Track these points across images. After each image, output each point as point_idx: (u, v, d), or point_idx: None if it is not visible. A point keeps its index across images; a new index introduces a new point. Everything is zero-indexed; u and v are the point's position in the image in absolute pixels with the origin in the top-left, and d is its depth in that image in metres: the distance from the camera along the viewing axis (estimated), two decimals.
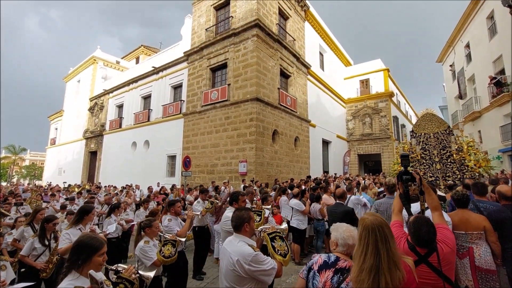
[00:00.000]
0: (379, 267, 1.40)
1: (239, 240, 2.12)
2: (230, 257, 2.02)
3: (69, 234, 3.36)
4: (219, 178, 12.00)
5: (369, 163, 24.93)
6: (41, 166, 45.30)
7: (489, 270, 2.70)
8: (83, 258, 1.69)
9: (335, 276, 1.67)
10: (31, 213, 4.32)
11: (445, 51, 22.36)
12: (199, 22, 14.79)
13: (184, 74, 15.44)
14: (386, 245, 1.45)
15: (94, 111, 23.22)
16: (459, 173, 7.45)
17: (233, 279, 2.00)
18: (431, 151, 8.01)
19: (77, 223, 3.50)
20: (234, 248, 2.06)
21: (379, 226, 1.50)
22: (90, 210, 3.67)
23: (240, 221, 2.18)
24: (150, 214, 4.71)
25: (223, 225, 3.30)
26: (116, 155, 19.49)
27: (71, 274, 1.67)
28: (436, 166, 7.84)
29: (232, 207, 3.44)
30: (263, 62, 12.28)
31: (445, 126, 8.10)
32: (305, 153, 15.33)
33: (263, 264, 1.98)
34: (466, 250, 2.80)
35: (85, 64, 26.66)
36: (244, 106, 11.86)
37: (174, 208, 4.23)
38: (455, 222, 2.88)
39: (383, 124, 21.25)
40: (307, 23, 17.21)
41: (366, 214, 1.65)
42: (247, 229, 2.18)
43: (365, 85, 23.03)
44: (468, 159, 7.35)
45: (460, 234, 2.84)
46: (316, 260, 1.81)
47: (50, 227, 3.60)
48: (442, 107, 28.63)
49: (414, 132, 8.60)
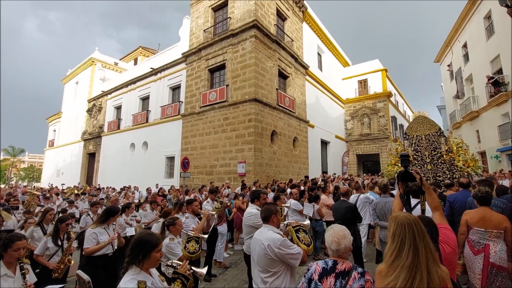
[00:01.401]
0: (418, 264, 1.33)
1: (268, 229, 2.40)
2: (262, 243, 2.29)
3: (96, 234, 3.38)
4: (218, 179, 11.99)
5: (368, 163, 24.96)
6: (40, 168, 45.17)
7: (502, 267, 2.76)
8: (143, 254, 1.76)
9: (337, 281, 1.66)
10: (41, 214, 4.35)
11: (443, 51, 22.43)
12: (197, 23, 14.80)
13: (182, 75, 15.43)
14: (424, 241, 1.38)
15: (92, 113, 23.16)
16: (449, 173, 7.83)
17: (265, 262, 2.26)
18: (423, 152, 8.46)
19: (103, 223, 3.53)
20: (265, 236, 2.33)
21: (415, 221, 1.43)
22: (117, 211, 3.73)
23: (269, 213, 2.46)
24: (163, 214, 4.60)
25: (246, 220, 3.45)
26: (115, 156, 19.44)
27: (132, 269, 1.74)
28: (427, 166, 8.24)
29: (253, 204, 3.61)
30: (261, 63, 12.29)
31: (436, 128, 8.58)
32: (303, 153, 15.33)
33: (291, 249, 2.24)
34: (482, 247, 2.85)
35: (83, 65, 26.60)
36: (243, 107, 11.85)
37: (192, 206, 4.34)
38: (474, 219, 2.95)
39: (381, 124, 21.30)
40: (305, 24, 17.24)
41: (398, 212, 1.57)
42: (275, 220, 2.47)
43: (363, 86, 23.07)
44: (458, 159, 7.75)
45: (479, 231, 2.89)
46: (314, 269, 1.78)
47: (63, 227, 3.59)
48: (440, 107, 28.68)
49: (407, 134, 9.08)
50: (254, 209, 3.52)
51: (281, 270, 2.25)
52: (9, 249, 2.29)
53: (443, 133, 8.58)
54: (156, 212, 6.09)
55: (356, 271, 1.71)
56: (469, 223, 2.99)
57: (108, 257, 3.48)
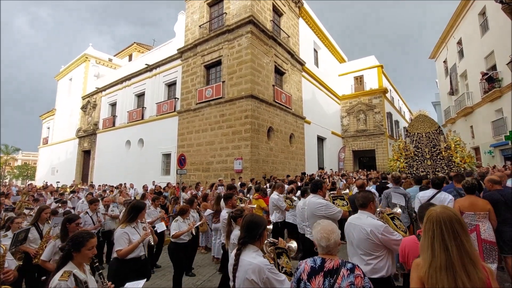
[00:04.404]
0: (452, 264, 1.26)
1: (367, 215, 2.52)
2: (363, 228, 2.40)
3: (127, 234, 3.10)
4: (215, 176, 11.98)
5: (364, 159, 25.14)
6: (34, 166, 44.63)
7: (492, 242, 3.39)
8: (260, 233, 2.01)
9: (326, 280, 1.64)
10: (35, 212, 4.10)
11: (438, 47, 22.55)
12: (192, 18, 14.64)
13: (178, 72, 15.29)
14: (456, 240, 1.29)
15: (87, 110, 22.90)
16: (447, 168, 8.33)
17: (368, 247, 2.38)
18: (423, 149, 8.99)
19: (132, 221, 3.23)
20: (365, 221, 2.45)
21: (447, 219, 1.35)
22: (143, 206, 3.43)
23: (367, 200, 2.58)
24: (179, 211, 4.52)
25: (315, 211, 3.54)
26: (110, 154, 19.28)
27: (251, 247, 1.97)
28: (427, 162, 8.79)
29: (316, 195, 3.67)
30: (257, 59, 12.23)
31: (436, 126, 9.13)
32: (300, 149, 15.37)
33: (393, 235, 2.36)
34: (473, 227, 3.46)
35: (77, 62, 26.19)
36: (239, 103, 11.81)
37: (231, 201, 4.33)
38: (465, 205, 3.56)
39: (377, 121, 21.42)
40: (301, 20, 17.17)
41: (436, 206, 1.50)
42: (372, 206, 2.58)
43: (359, 82, 23.13)
44: (455, 156, 8.28)
45: (469, 215, 3.52)
46: (303, 269, 1.75)
47: (72, 227, 3.24)
48: (435, 103, 28.91)
49: (408, 131, 9.65)
50: (320, 199, 3.60)
51: (383, 253, 2.37)
52: (83, 248, 2.05)
53: (442, 131, 9.08)
54: (159, 210, 5.89)
55: (345, 267, 1.67)
56: (461, 209, 3.56)
57: (141, 260, 3.22)
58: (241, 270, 1.85)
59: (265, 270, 1.77)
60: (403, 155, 9.69)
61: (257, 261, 1.82)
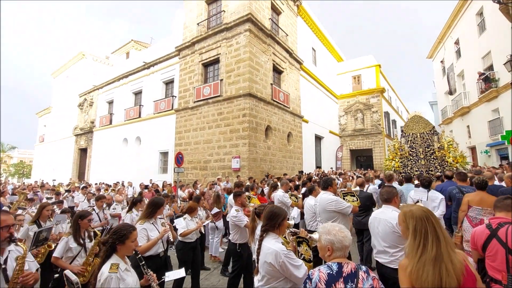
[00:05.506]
0: (441, 254, 1.38)
1: (391, 209, 2.66)
2: (389, 222, 2.55)
3: (146, 230, 3.10)
4: (212, 174, 11.95)
5: (361, 158, 25.23)
6: (30, 164, 44.29)
7: None
8: (280, 222, 2.23)
9: (347, 285, 1.55)
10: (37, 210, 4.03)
11: (435, 47, 22.63)
12: (190, 16, 14.55)
13: (175, 70, 15.21)
14: (442, 231, 1.44)
15: (83, 107, 22.74)
16: (440, 168, 8.57)
17: (393, 239, 2.53)
18: (417, 149, 9.27)
19: (150, 217, 3.25)
20: (390, 215, 2.59)
21: (430, 214, 1.47)
22: (162, 202, 3.45)
23: (391, 195, 2.75)
24: (188, 209, 4.42)
25: (327, 206, 3.68)
26: (107, 152, 19.17)
27: (271, 235, 2.20)
28: (421, 162, 9.05)
29: (326, 191, 3.81)
30: (255, 58, 12.19)
31: (430, 127, 9.36)
32: (298, 148, 15.38)
33: None
34: (478, 221, 3.64)
35: (74, 59, 25.98)
36: (237, 102, 11.78)
37: (241, 199, 4.31)
38: (475, 200, 3.76)
39: (374, 120, 21.48)
40: (299, 18, 17.14)
41: (406, 206, 1.60)
42: (396, 200, 2.75)
43: (357, 81, 23.18)
44: (448, 156, 8.53)
45: (477, 209, 3.70)
46: (318, 277, 1.61)
47: (84, 223, 3.20)
48: (432, 103, 29.05)
49: (403, 132, 9.94)
50: (331, 195, 3.74)
51: None
52: (127, 240, 2.06)
53: (436, 131, 9.29)
54: (170, 208, 5.91)
55: (362, 270, 1.60)
56: (470, 203, 3.76)
57: (160, 258, 3.21)
58: (262, 254, 2.13)
59: (281, 255, 2.01)
60: (398, 154, 9.85)
61: (275, 247, 2.06)
